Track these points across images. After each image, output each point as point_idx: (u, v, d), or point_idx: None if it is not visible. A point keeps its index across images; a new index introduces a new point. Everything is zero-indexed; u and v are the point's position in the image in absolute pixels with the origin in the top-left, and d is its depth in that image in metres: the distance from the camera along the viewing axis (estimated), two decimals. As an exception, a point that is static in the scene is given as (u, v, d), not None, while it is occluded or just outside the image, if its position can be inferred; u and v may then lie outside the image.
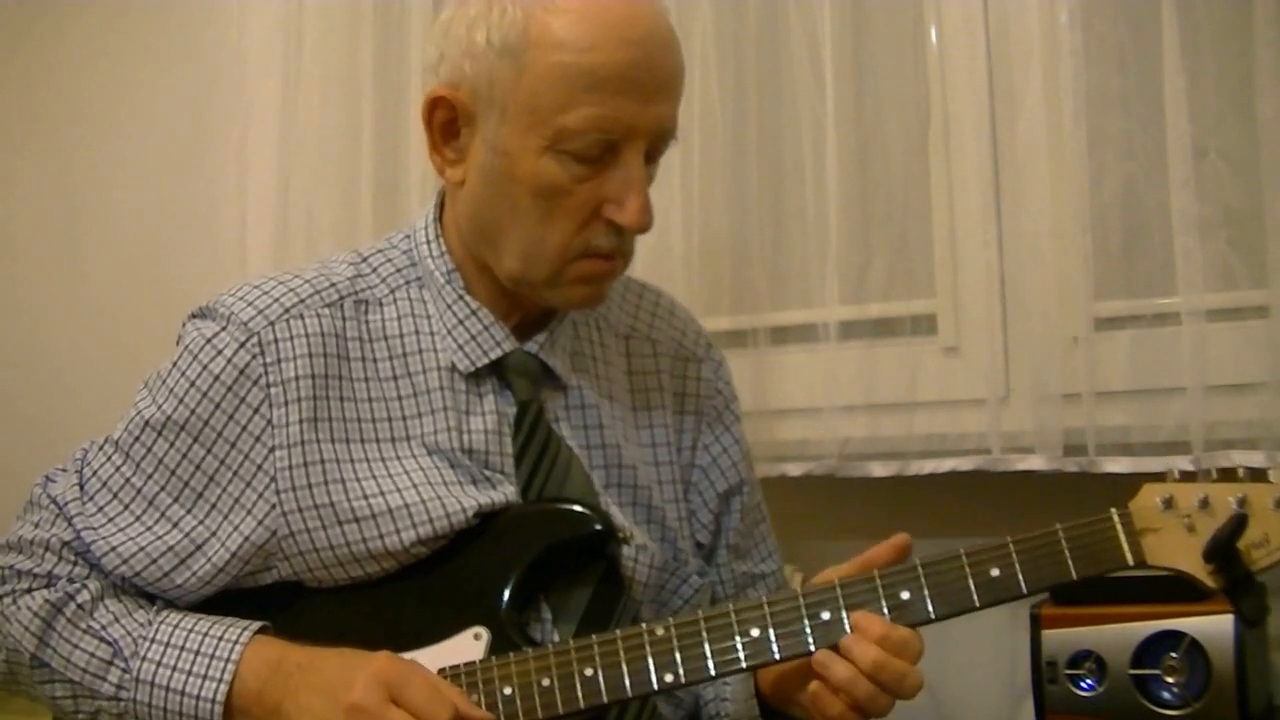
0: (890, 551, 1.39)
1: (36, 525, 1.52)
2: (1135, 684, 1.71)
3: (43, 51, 2.86)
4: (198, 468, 1.49)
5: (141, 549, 1.49)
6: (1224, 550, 1.29)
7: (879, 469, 2.06)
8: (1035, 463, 1.94)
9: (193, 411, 1.49)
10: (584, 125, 1.42)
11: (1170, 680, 1.69)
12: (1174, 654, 1.69)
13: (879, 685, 1.32)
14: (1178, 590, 1.60)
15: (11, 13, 2.88)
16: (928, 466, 2.03)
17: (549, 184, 1.45)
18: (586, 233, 1.47)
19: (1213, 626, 1.67)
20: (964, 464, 2.00)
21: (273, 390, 1.48)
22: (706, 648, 1.36)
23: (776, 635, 1.35)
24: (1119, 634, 1.72)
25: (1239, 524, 1.29)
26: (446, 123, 1.51)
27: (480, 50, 1.45)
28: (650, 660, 1.36)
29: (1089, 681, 1.73)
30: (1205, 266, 1.83)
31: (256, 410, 1.48)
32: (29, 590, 1.49)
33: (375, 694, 1.33)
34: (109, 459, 1.53)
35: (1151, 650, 1.71)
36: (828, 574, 1.42)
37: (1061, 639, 1.75)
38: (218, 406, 1.48)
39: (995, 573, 1.33)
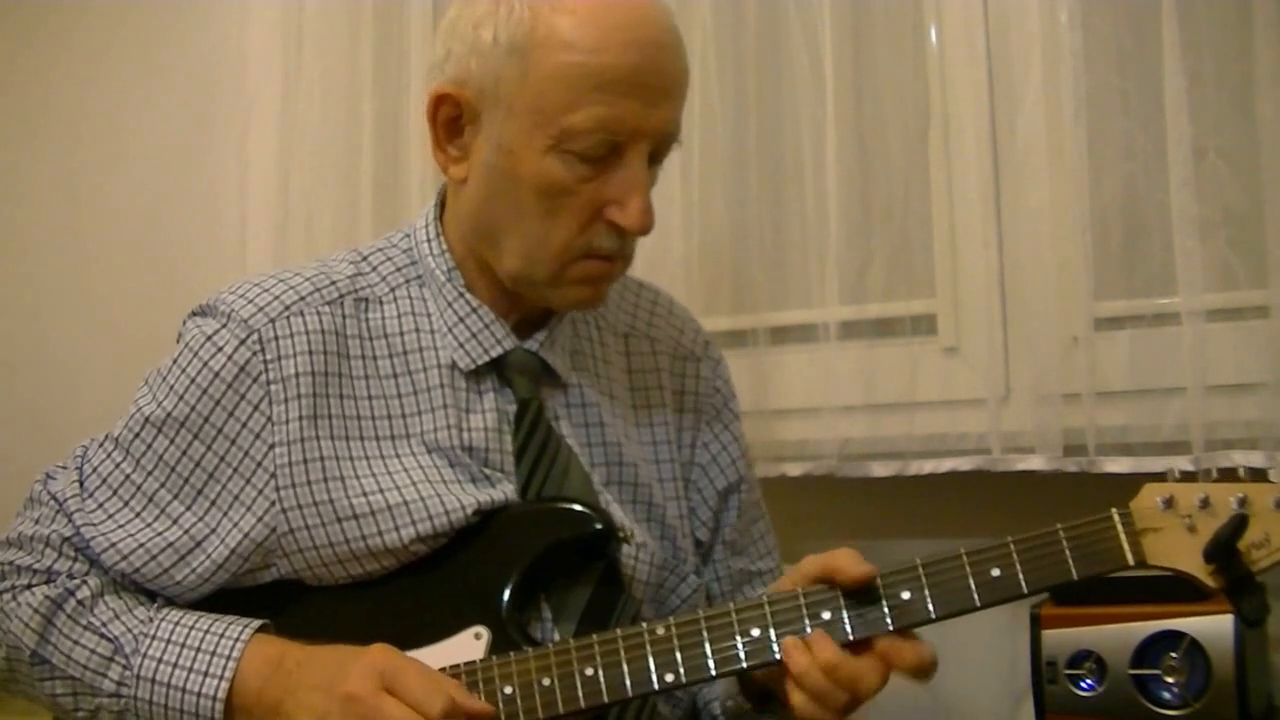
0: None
1: (36, 521, 1.52)
2: (1135, 684, 1.70)
3: (45, 52, 2.86)
4: (198, 464, 1.49)
5: (141, 545, 1.49)
6: (1225, 550, 1.28)
7: (879, 469, 2.06)
8: (1035, 463, 1.94)
9: (193, 408, 1.49)
10: (590, 125, 1.42)
11: (1170, 680, 1.69)
12: (1174, 654, 1.69)
13: (835, 683, 1.32)
14: (1178, 590, 1.60)
15: (14, 14, 2.88)
16: (928, 466, 2.03)
17: (552, 183, 1.45)
18: (588, 233, 1.48)
19: (1213, 626, 1.67)
20: (964, 464, 2.00)
21: (273, 387, 1.48)
22: (707, 647, 1.36)
23: (777, 635, 1.35)
24: (1119, 634, 1.72)
25: (1239, 524, 1.29)
26: (450, 120, 1.51)
27: (487, 48, 1.45)
28: (651, 659, 1.36)
29: (1089, 681, 1.73)
30: (1205, 266, 1.83)
31: (256, 407, 1.48)
32: (29, 586, 1.49)
33: (369, 683, 1.33)
34: (109, 456, 1.53)
35: (1151, 650, 1.70)
36: (782, 582, 1.43)
37: (1061, 639, 1.75)
38: (218, 403, 1.48)
39: (996, 573, 1.33)
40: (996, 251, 2.00)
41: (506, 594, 1.45)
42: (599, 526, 1.48)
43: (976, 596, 1.33)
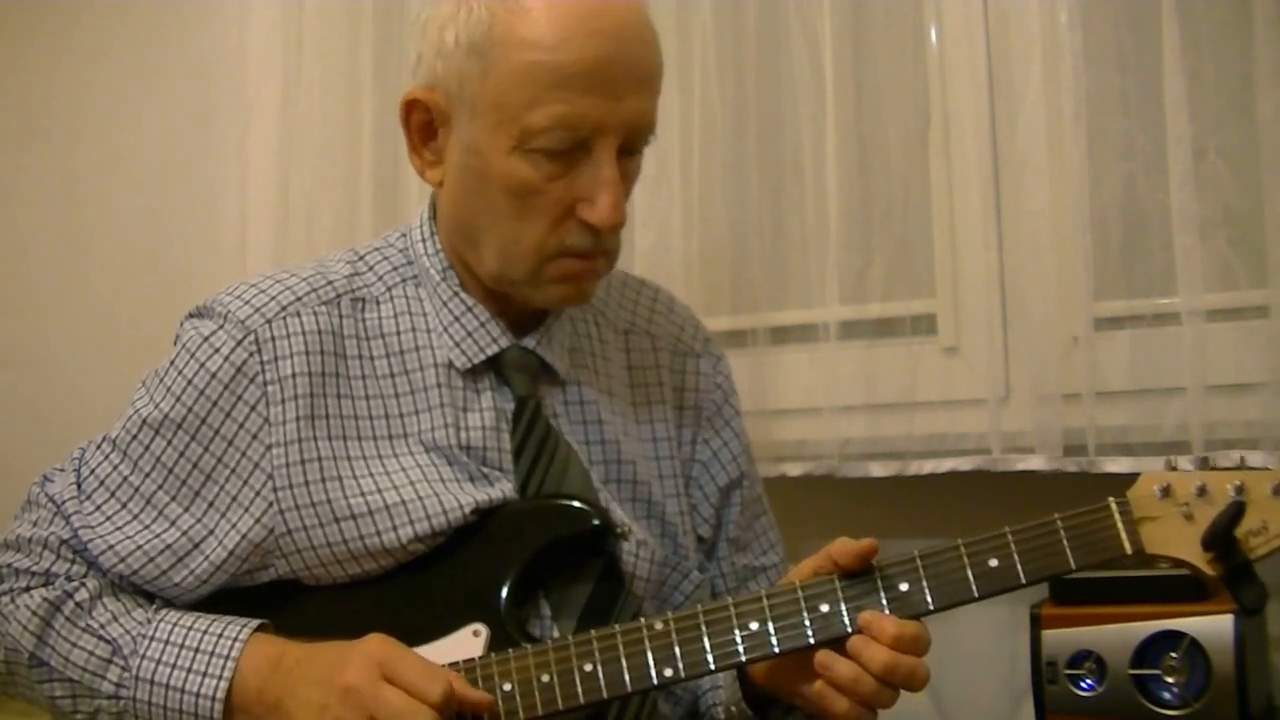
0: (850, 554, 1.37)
1: (34, 524, 1.52)
2: (1135, 684, 1.70)
3: (46, 53, 2.86)
4: (195, 466, 1.49)
5: (139, 547, 1.49)
6: (1222, 538, 1.28)
7: (879, 469, 2.06)
8: (1035, 463, 1.93)
9: (190, 410, 1.49)
10: (550, 123, 1.42)
11: (1170, 680, 1.69)
12: (1174, 654, 1.69)
13: (890, 684, 1.32)
14: (1178, 590, 1.62)
15: (14, 14, 2.88)
16: (928, 466, 2.03)
17: (520, 183, 1.45)
18: (560, 231, 1.47)
19: (1213, 626, 1.67)
20: (964, 464, 2.00)
21: (269, 388, 1.48)
22: (705, 642, 1.35)
23: (775, 629, 1.35)
24: (1119, 634, 1.72)
25: (1237, 511, 1.28)
26: (424, 124, 1.52)
27: (450, 50, 1.46)
28: (649, 655, 1.36)
29: (1089, 681, 1.73)
30: (1205, 266, 1.83)
31: (254, 408, 1.48)
32: (27, 589, 1.49)
33: (368, 673, 1.33)
34: (106, 458, 1.53)
35: (1151, 650, 1.70)
36: (790, 576, 1.42)
37: (1061, 639, 1.75)
38: (215, 404, 1.48)
39: (994, 563, 1.33)
40: (996, 252, 2.00)
41: (504, 591, 1.45)
42: (596, 522, 1.48)
43: (975, 587, 1.33)
